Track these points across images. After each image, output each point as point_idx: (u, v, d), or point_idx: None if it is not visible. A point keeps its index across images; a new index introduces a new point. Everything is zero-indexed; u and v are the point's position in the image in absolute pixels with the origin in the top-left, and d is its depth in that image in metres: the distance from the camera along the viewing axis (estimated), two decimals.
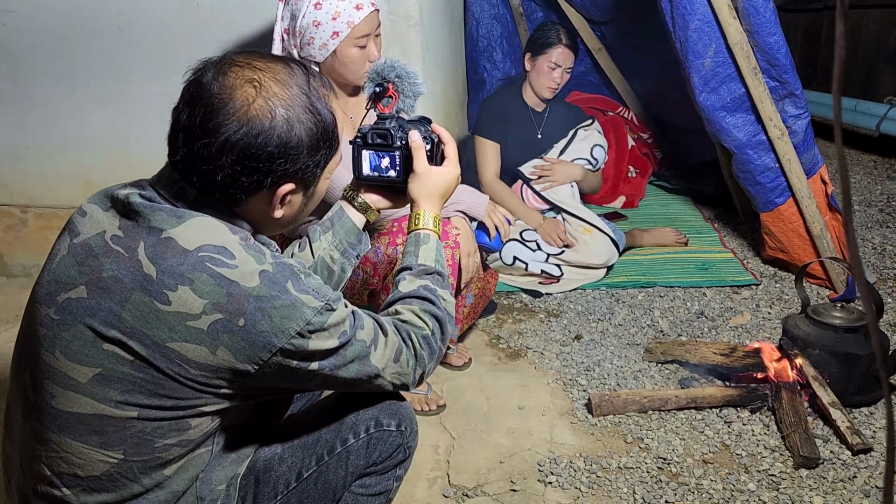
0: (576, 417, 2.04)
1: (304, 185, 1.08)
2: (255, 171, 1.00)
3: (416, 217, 1.32)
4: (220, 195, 1.02)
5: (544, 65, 2.94)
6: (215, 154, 0.97)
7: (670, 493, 1.73)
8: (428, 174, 1.32)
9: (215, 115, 0.97)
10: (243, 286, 0.96)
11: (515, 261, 2.81)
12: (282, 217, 1.09)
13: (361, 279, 2.06)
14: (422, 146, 1.32)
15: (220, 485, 1.10)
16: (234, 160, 0.98)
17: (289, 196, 1.07)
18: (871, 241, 3.25)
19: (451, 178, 1.34)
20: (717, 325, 2.53)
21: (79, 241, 1.01)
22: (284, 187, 1.04)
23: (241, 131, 0.97)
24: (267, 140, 0.99)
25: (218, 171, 0.99)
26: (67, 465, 1.00)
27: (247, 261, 0.98)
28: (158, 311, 0.94)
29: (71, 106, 2.74)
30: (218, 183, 1.00)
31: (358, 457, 1.18)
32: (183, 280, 0.95)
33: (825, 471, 1.79)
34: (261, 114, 0.98)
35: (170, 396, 0.97)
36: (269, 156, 0.99)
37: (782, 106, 2.61)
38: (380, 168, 1.37)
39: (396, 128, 1.35)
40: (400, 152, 1.34)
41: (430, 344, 1.16)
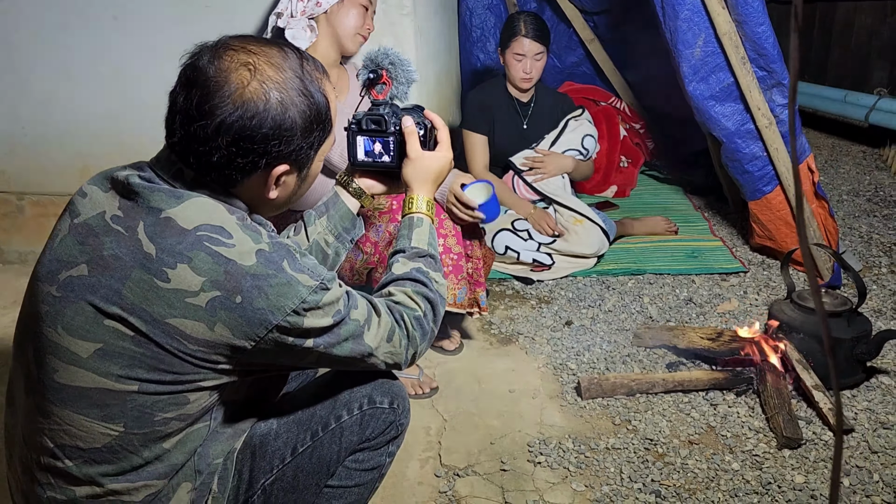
0: (565, 400, 2.09)
1: (297, 167, 1.11)
2: (250, 152, 1.03)
3: (410, 201, 1.36)
4: (216, 176, 1.05)
5: (511, 58, 2.93)
6: (211, 136, 1.00)
7: (656, 472, 1.78)
8: (421, 159, 1.35)
9: (211, 98, 1.00)
10: (240, 264, 0.99)
11: (507, 250, 2.85)
12: (276, 198, 1.12)
13: (361, 259, 2.10)
14: (415, 131, 1.35)
15: (216, 458, 1.14)
16: (229, 142, 1.01)
17: (283, 177, 1.09)
18: (857, 230, 3.30)
19: (443, 162, 1.37)
20: (704, 312, 2.57)
21: (79, 221, 1.04)
22: (279, 168, 1.07)
23: (237, 114, 1.00)
24: (261, 122, 1.01)
25: (214, 153, 1.01)
26: (69, 438, 1.03)
27: (244, 240, 1.01)
28: (158, 288, 0.97)
29: (67, 94, 2.76)
30: (214, 164, 1.03)
31: (351, 433, 1.21)
32: (182, 258, 0.98)
33: (807, 451, 1.84)
34: (255, 96, 1.01)
35: (169, 371, 1.00)
36: (263, 137, 1.02)
37: (770, 95, 2.64)
38: (374, 153, 1.40)
39: (390, 114, 1.38)
40: (394, 138, 1.38)
41: (423, 325, 1.19)
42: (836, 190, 3.85)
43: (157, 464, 1.05)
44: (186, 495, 1.11)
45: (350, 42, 2.10)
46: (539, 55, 2.93)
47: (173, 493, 1.09)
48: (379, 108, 1.40)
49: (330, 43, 2.11)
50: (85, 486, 1.04)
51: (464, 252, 2.14)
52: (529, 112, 3.11)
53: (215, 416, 1.10)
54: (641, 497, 1.70)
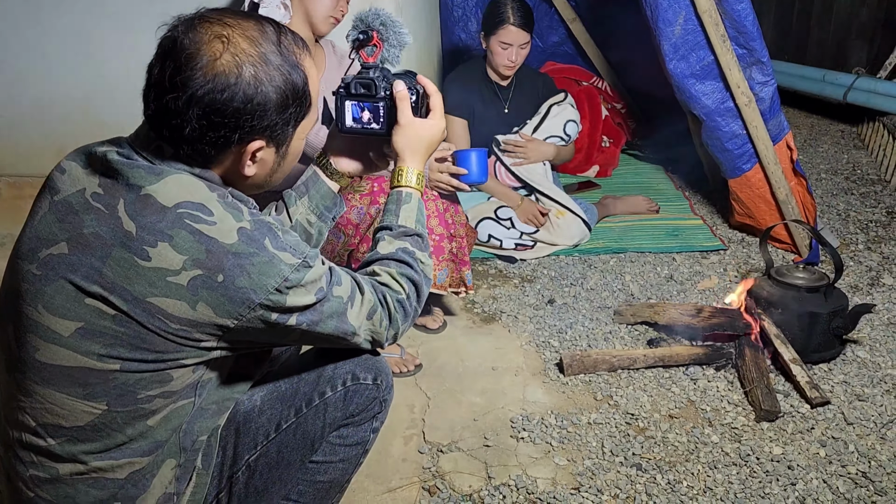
0: (548, 377, 2.10)
1: (275, 143, 1.09)
2: (221, 126, 1.01)
3: (399, 173, 1.30)
4: (190, 150, 1.03)
5: (496, 45, 2.85)
6: (182, 108, 0.99)
7: (637, 446, 1.80)
8: (412, 126, 1.29)
9: (183, 70, 0.98)
10: (222, 242, 0.98)
11: (490, 238, 2.85)
12: (254, 175, 1.10)
13: (342, 241, 2.09)
14: (407, 97, 1.28)
15: (201, 435, 1.13)
16: (199, 115, 0.99)
17: (259, 154, 1.07)
18: (835, 207, 3.34)
19: (435, 130, 1.31)
20: (685, 289, 2.60)
21: (59, 198, 1.03)
22: (253, 144, 1.05)
23: (207, 87, 0.98)
24: (232, 96, 0.99)
25: (185, 126, 1.00)
26: (52, 416, 1.02)
27: (225, 217, 1.00)
28: (139, 266, 0.96)
29: (40, 73, 2.71)
30: (186, 137, 1.01)
31: (335, 409, 1.21)
32: (162, 236, 0.97)
33: (785, 423, 1.87)
34: (227, 69, 0.99)
35: (151, 350, 1.00)
36: (234, 112, 1.00)
37: (750, 73, 2.66)
38: (362, 119, 1.33)
39: (381, 78, 1.31)
40: (384, 103, 1.30)
41: (405, 307, 1.19)
42: (815, 168, 3.89)
43: (140, 441, 1.05)
44: (170, 472, 1.10)
45: (322, 24, 2.06)
46: (525, 44, 2.87)
47: (157, 469, 1.09)
48: (369, 71, 1.32)
49: (303, 22, 2.08)
50: (68, 464, 1.04)
51: (446, 233, 2.14)
52: (510, 95, 3.06)
53: (199, 393, 1.09)
54: (623, 470, 1.72)
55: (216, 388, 1.13)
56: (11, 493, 1.09)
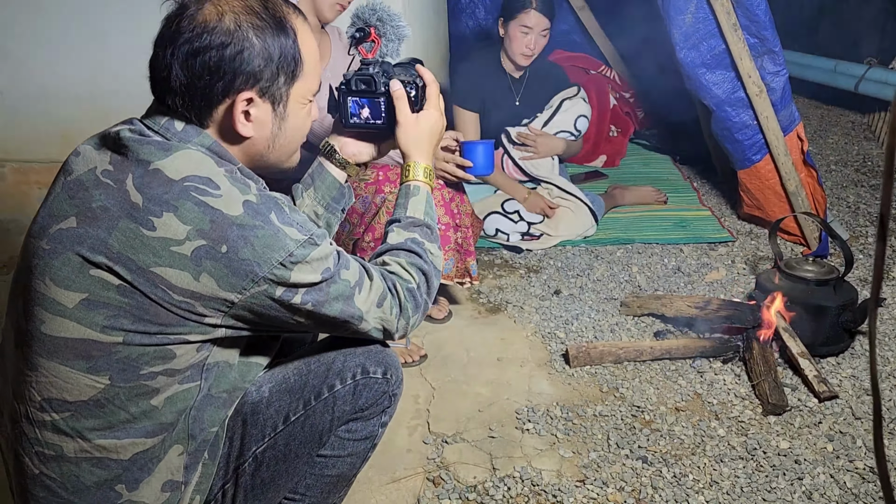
0: (553, 368, 2.09)
1: (269, 100, 1.09)
2: (204, 71, 1.03)
3: (407, 168, 1.32)
4: (181, 103, 1.05)
5: (516, 30, 2.79)
6: (169, 59, 1.03)
7: (643, 438, 1.79)
8: (412, 123, 1.31)
9: (172, 26, 1.03)
10: (226, 214, 0.99)
11: (497, 232, 2.83)
12: (254, 139, 1.10)
13: (347, 230, 2.08)
14: (403, 95, 1.30)
15: (212, 427, 1.13)
16: (181, 62, 1.02)
17: (252, 110, 1.07)
18: (845, 199, 3.31)
19: (433, 121, 1.33)
20: (692, 281, 2.58)
21: (71, 178, 1.05)
22: (242, 95, 1.06)
23: (189, 35, 1.02)
24: (210, 40, 1.02)
25: (171, 78, 1.03)
26: (56, 390, 1.02)
27: (231, 191, 1.01)
28: (143, 236, 0.97)
29: (45, 58, 2.69)
30: (174, 89, 1.04)
31: (344, 402, 1.20)
32: (168, 207, 0.98)
33: (792, 417, 1.86)
34: (208, 17, 1.03)
35: (154, 322, 1.00)
36: (214, 56, 1.02)
37: (761, 63, 2.62)
38: (364, 115, 1.35)
39: (380, 73, 1.33)
40: (384, 98, 1.33)
41: (415, 297, 1.18)
42: (825, 160, 3.86)
43: (144, 421, 1.05)
44: (178, 458, 1.10)
45: (328, 11, 2.04)
46: (545, 31, 2.81)
47: (164, 454, 1.08)
48: (368, 67, 1.34)
49: (309, 9, 2.06)
50: (72, 441, 1.04)
51: (452, 222, 2.13)
52: (522, 88, 3.01)
53: (206, 377, 1.09)
54: (628, 463, 1.71)
55: (226, 375, 1.12)
56: (18, 471, 1.10)
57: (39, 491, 1.07)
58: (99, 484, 1.06)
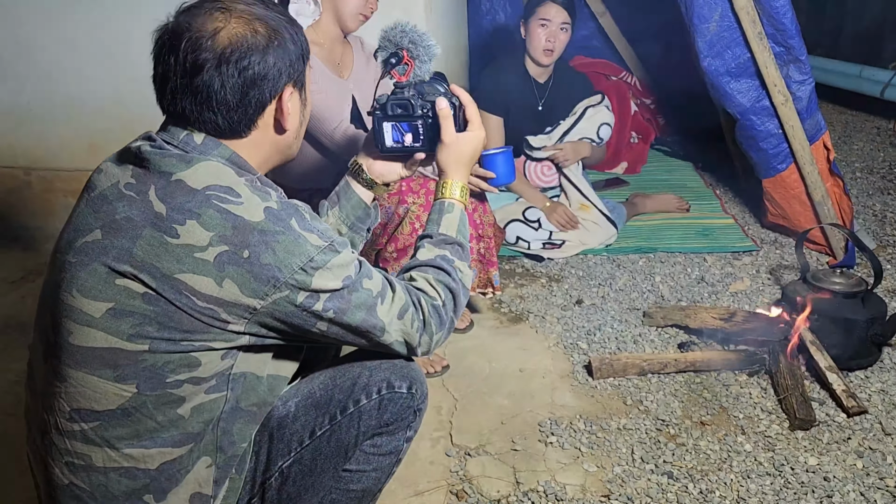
0: (576, 380, 2.08)
1: (298, 87, 1.14)
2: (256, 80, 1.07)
3: (444, 186, 1.33)
4: (231, 120, 1.07)
5: (536, 24, 2.78)
6: (214, 84, 1.04)
7: (668, 453, 1.77)
8: (456, 143, 1.32)
9: (198, 49, 1.03)
10: (248, 220, 1.01)
11: (518, 240, 2.82)
12: (288, 131, 1.14)
13: (369, 241, 2.08)
14: (449, 115, 1.31)
15: (242, 442, 1.14)
16: (231, 84, 1.05)
17: (290, 102, 1.12)
18: (871, 208, 3.26)
19: (477, 142, 1.34)
20: (716, 291, 2.55)
21: (95, 193, 1.07)
22: (286, 91, 1.11)
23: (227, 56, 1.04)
24: (252, 53, 1.05)
25: (217, 99, 1.05)
26: (85, 400, 1.04)
27: (252, 198, 1.03)
28: (167, 244, 0.99)
29: (72, 67, 2.72)
30: (221, 109, 1.06)
31: (370, 417, 1.20)
32: (191, 214, 1.00)
33: (820, 433, 1.83)
34: (240, 30, 1.05)
35: (179, 329, 1.01)
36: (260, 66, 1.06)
37: (787, 71, 2.59)
38: (402, 139, 1.36)
39: (416, 96, 1.33)
40: (422, 121, 1.33)
41: (440, 314, 1.18)
42: (850, 167, 3.81)
43: (171, 430, 1.06)
44: (206, 470, 1.11)
45: (351, 21, 2.06)
46: (565, 25, 2.79)
47: (191, 465, 1.09)
48: (403, 90, 1.34)
49: (332, 19, 2.08)
50: (101, 451, 1.05)
51: (475, 233, 2.13)
52: (546, 93, 3.00)
53: (232, 388, 1.09)
54: (654, 478, 1.70)
55: (255, 388, 1.13)
56: (47, 481, 1.11)
57: (69, 501, 1.08)
58: (127, 494, 1.07)
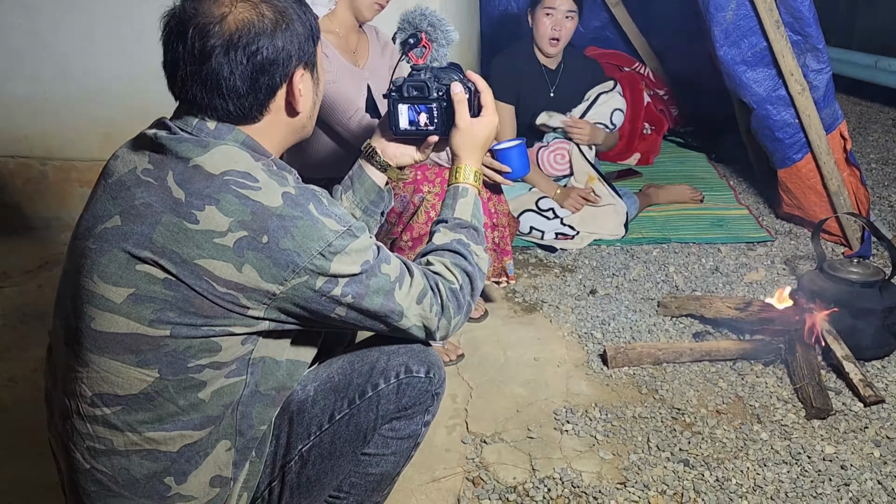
0: (591, 369, 2.08)
1: (310, 68, 1.13)
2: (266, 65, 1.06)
3: (457, 171, 1.33)
4: (241, 105, 1.07)
5: (541, 13, 2.79)
6: (224, 70, 1.04)
7: (684, 441, 1.77)
8: (470, 128, 1.32)
9: (208, 35, 1.03)
10: (266, 205, 1.01)
11: (532, 230, 2.82)
12: (302, 112, 1.14)
13: (385, 229, 2.08)
14: (464, 99, 1.31)
15: (261, 425, 1.15)
16: (241, 69, 1.04)
17: (301, 84, 1.11)
18: (887, 198, 3.24)
19: (491, 127, 1.35)
20: (731, 281, 2.55)
21: (112, 180, 1.08)
22: (297, 73, 1.10)
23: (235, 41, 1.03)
24: (261, 38, 1.04)
25: (227, 86, 1.04)
26: (108, 385, 1.05)
27: (270, 183, 1.03)
28: (187, 229, 1.00)
29: (88, 58, 2.74)
30: (231, 96, 1.05)
31: (388, 401, 1.21)
32: (210, 200, 1.00)
33: (837, 422, 1.83)
34: (247, 15, 1.04)
35: (199, 315, 1.01)
36: (270, 50, 1.05)
37: (804, 60, 2.58)
38: (417, 122, 1.36)
39: (432, 79, 1.33)
40: (437, 104, 1.33)
41: (458, 298, 1.18)
42: (865, 158, 3.78)
43: (192, 413, 1.07)
44: (226, 454, 1.11)
45: (367, 10, 2.07)
46: (570, 14, 2.79)
47: (211, 448, 1.10)
48: (420, 73, 1.35)
49: (348, 8, 2.08)
50: (123, 435, 1.06)
51: (490, 222, 2.13)
52: (557, 79, 3.00)
53: (252, 372, 1.10)
54: (670, 466, 1.70)
55: (273, 372, 1.13)
56: (69, 466, 1.12)
57: (91, 485, 1.09)
58: (149, 476, 1.08)
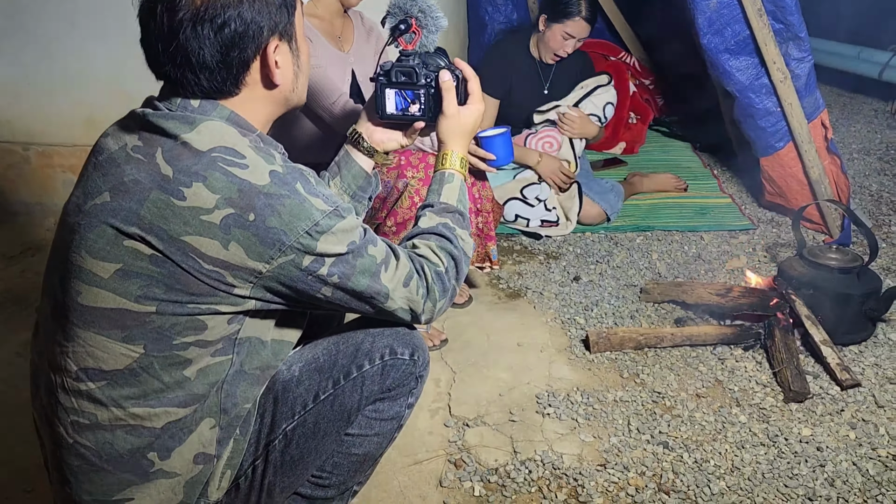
0: (573, 354, 2.10)
1: (286, 39, 1.12)
2: (235, 39, 1.04)
3: (444, 157, 1.35)
4: (214, 79, 1.06)
5: (558, 33, 2.79)
6: (192, 44, 1.03)
7: (664, 424, 1.80)
8: (457, 115, 1.33)
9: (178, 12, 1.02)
10: (254, 183, 1.01)
11: (517, 218, 2.83)
12: (282, 84, 1.13)
13: (369, 215, 2.09)
14: (452, 87, 1.32)
15: (245, 403, 1.16)
16: (210, 42, 1.03)
17: (278, 56, 1.10)
18: (868, 188, 3.28)
19: (477, 115, 1.36)
20: (713, 268, 2.57)
21: (103, 157, 1.08)
22: (270, 45, 1.08)
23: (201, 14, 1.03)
24: (227, 9, 1.03)
25: (197, 60, 1.04)
26: (93, 360, 1.05)
27: (257, 161, 1.04)
28: (174, 206, 1.00)
29: (71, 41, 2.71)
30: (203, 70, 1.05)
31: (372, 382, 1.22)
32: (197, 177, 1.00)
33: (814, 405, 1.86)
34: None
35: (185, 292, 1.02)
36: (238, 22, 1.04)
37: (786, 49, 2.60)
38: (405, 107, 1.37)
39: (420, 65, 1.34)
40: (425, 90, 1.34)
41: (443, 280, 1.19)
42: (847, 148, 3.82)
43: (177, 390, 1.08)
44: (210, 431, 1.12)
45: None
46: (582, 39, 2.82)
47: (195, 426, 1.11)
48: (408, 58, 1.35)
49: None
50: (107, 410, 1.07)
51: (473, 207, 2.14)
52: (551, 75, 2.99)
53: (238, 352, 1.11)
54: (649, 448, 1.72)
55: (259, 352, 1.14)
56: (53, 440, 1.12)
57: (74, 460, 1.10)
58: (132, 452, 1.08)
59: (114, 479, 1.09)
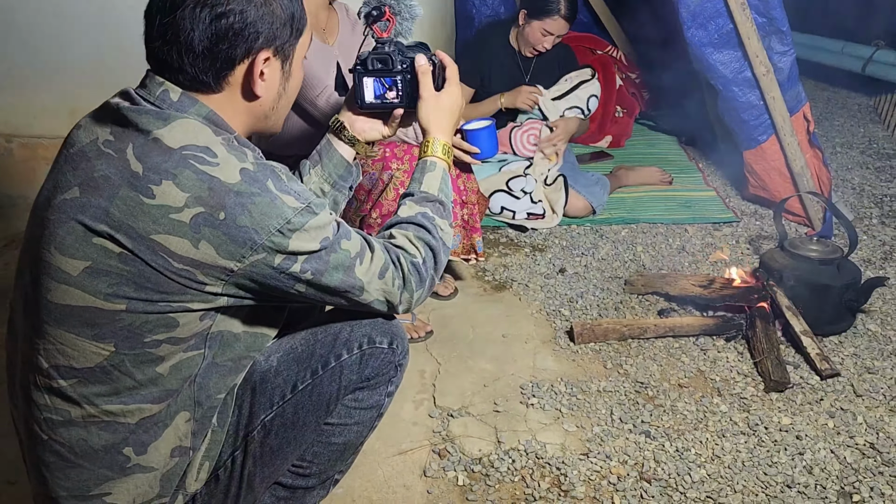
0: (558, 345, 2.11)
1: (280, 58, 1.11)
2: (228, 33, 1.04)
3: (426, 145, 1.34)
4: (198, 68, 1.05)
5: (538, 30, 2.82)
6: (187, 24, 1.02)
7: (647, 413, 1.81)
8: (435, 99, 1.33)
9: None
10: (224, 181, 1.00)
11: (503, 210, 2.84)
12: (262, 99, 1.12)
13: (354, 207, 2.09)
14: (428, 71, 1.32)
15: (218, 394, 1.15)
16: (204, 27, 1.02)
17: (266, 69, 1.09)
18: (850, 181, 3.31)
19: (455, 97, 1.36)
20: (697, 261, 2.59)
21: (74, 150, 1.06)
22: (262, 55, 1.08)
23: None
24: (233, 2, 1.03)
25: (187, 43, 1.03)
26: (63, 358, 1.05)
27: (228, 159, 1.02)
28: (143, 204, 0.99)
29: (54, 31, 2.69)
30: (190, 54, 1.04)
31: (351, 371, 1.22)
32: (167, 175, 0.99)
33: (794, 394, 1.88)
34: None
35: (156, 290, 1.01)
36: (239, 19, 1.04)
37: (769, 42, 2.62)
38: (382, 95, 1.37)
39: (396, 52, 1.34)
40: (402, 76, 1.34)
41: (420, 271, 1.19)
42: (830, 142, 3.85)
43: (151, 387, 1.07)
44: (185, 424, 1.12)
45: None
46: (560, 36, 2.85)
47: (170, 420, 1.10)
48: (384, 46, 1.36)
49: None
50: (79, 407, 1.06)
51: (459, 199, 2.14)
52: (531, 66, 3.00)
53: (210, 346, 1.10)
54: (632, 437, 1.74)
55: (231, 345, 1.14)
56: (29, 437, 1.12)
57: (49, 457, 1.09)
58: (107, 448, 1.08)
59: (90, 475, 1.09)
